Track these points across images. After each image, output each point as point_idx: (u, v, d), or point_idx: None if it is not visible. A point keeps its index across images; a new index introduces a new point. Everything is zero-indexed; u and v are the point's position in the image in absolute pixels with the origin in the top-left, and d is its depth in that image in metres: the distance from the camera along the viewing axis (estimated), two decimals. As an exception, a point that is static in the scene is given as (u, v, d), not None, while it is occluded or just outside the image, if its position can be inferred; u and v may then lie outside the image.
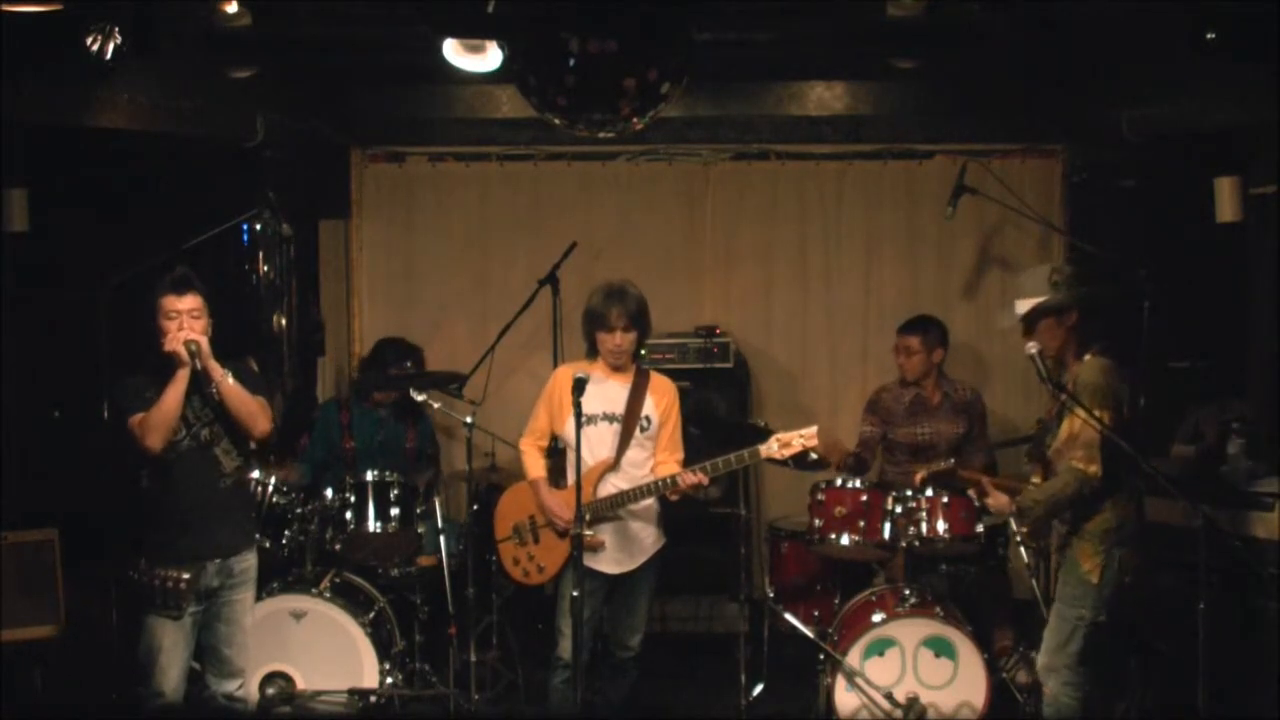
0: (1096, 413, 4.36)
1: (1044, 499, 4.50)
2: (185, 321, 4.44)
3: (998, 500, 4.63)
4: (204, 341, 4.44)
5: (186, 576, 4.43)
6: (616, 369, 4.94)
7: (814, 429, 4.75)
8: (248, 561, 4.69)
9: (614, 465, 4.87)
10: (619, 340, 4.85)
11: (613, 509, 4.86)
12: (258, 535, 5.27)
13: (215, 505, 4.56)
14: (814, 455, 5.19)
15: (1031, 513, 4.54)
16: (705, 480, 4.74)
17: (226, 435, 4.60)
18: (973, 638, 5.10)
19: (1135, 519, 4.56)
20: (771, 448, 4.72)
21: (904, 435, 5.94)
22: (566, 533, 4.85)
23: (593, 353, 4.97)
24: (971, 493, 5.05)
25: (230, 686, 4.69)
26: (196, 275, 4.56)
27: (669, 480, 4.78)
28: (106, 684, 5.16)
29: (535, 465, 5.04)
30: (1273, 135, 5.51)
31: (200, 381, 4.49)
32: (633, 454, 4.90)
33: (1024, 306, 4.64)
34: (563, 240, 5.95)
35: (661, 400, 4.96)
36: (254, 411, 4.58)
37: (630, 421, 4.89)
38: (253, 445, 4.81)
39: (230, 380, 4.51)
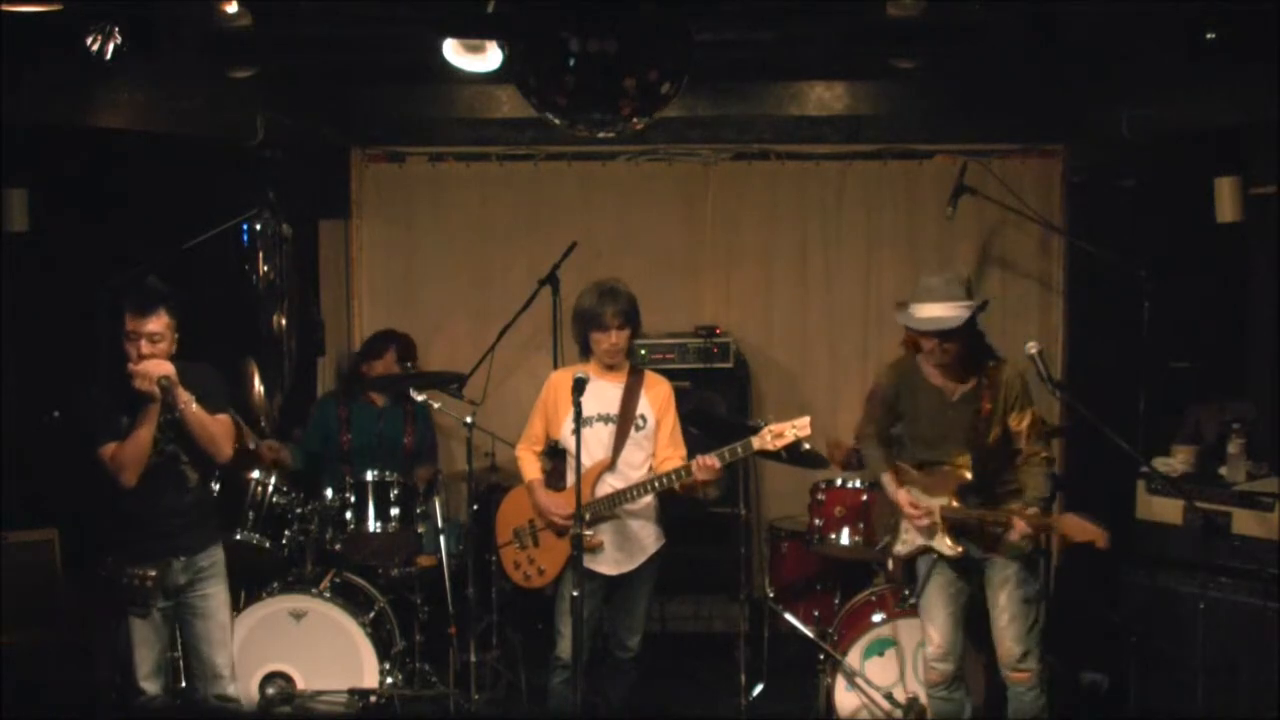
0: (1032, 409, 4.60)
1: (1036, 500, 4.58)
2: (144, 346, 4.35)
3: (1021, 531, 4.59)
4: (173, 373, 4.35)
5: (153, 573, 4.40)
6: (610, 368, 4.94)
7: (806, 419, 4.74)
8: (214, 556, 4.66)
9: (610, 466, 4.87)
10: (615, 339, 4.85)
11: (611, 508, 4.86)
12: (258, 535, 5.30)
13: (180, 513, 4.54)
14: (807, 446, 5.19)
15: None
16: (719, 465, 4.72)
17: (189, 454, 4.56)
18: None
19: None
20: (765, 439, 4.72)
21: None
22: (564, 532, 4.85)
23: (585, 354, 4.97)
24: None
25: (217, 688, 4.65)
26: (167, 287, 4.45)
27: (679, 472, 4.77)
28: (106, 684, 5.16)
29: (531, 468, 5.04)
30: (1273, 135, 5.51)
31: (166, 406, 4.41)
32: (629, 454, 4.90)
33: (956, 310, 4.53)
34: (563, 240, 5.95)
35: (656, 399, 4.96)
36: (215, 438, 4.51)
37: (626, 421, 4.89)
38: (252, 445, 4.80)
39: (194, 406, 4.42)
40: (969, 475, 4.63)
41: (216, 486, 5.18)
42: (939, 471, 4.71)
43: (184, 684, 4.98)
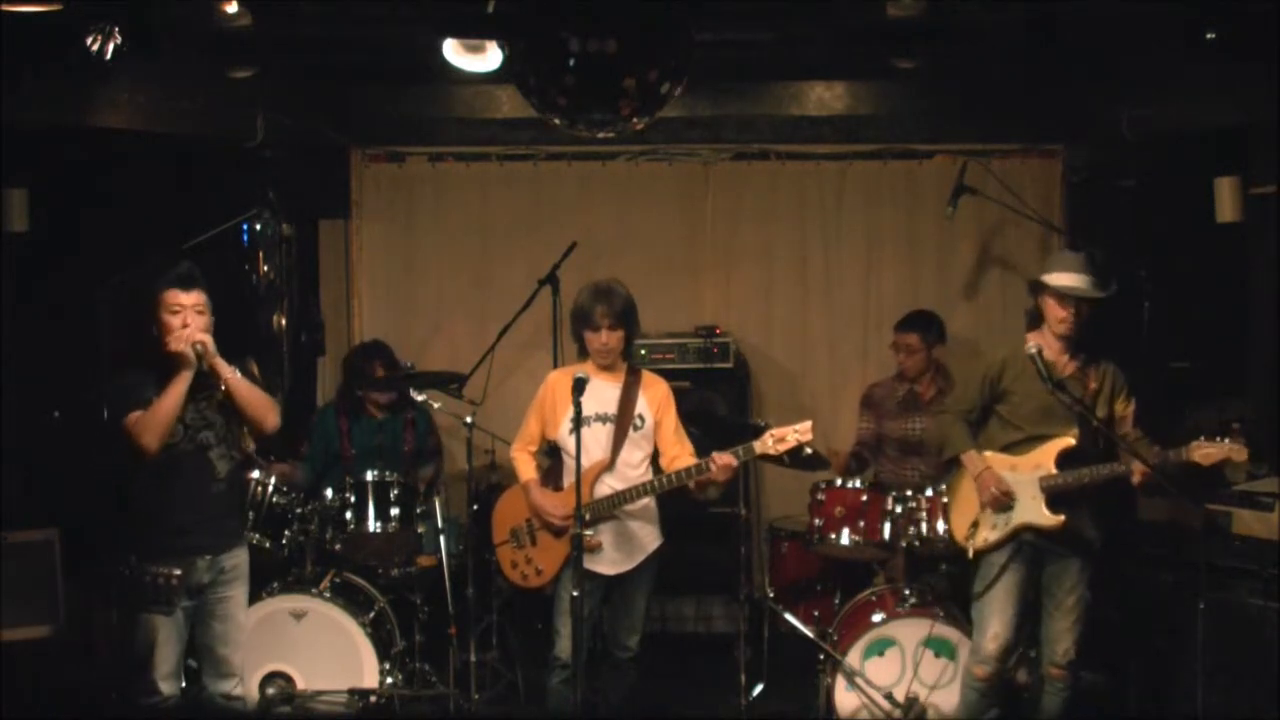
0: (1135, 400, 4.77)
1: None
2: (190, 317, 4.40)
3: (1143, 471, 4.65)
4: (209, 341, 4.40)
5: (178, 572, 4.40)
6: (606, 369, 4.94)
7: (808, 424, 4.75)
8: (238, 558, 4.65)
9: (609, 466, 4.87)
10: (605, 339, 4.85)
11: (610, 509, 4.86)
12: (258, 535, 5.29)
13: (206, 507, 4.53)
14: (809, 450, 5.19)
15: None
16: (736, 463, 4.72)
17: (224, 440, 4.56)
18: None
19: None
20: (766, 443, 4.71)
21: (896, 430, 5.96)
22: (562, 532, 4.85)
23: (584, 354, 4.97)
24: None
25: (227, 686, 4.65)
26: (200, 271, 4.52)
27: (696, 468, 4.76)
28: (106, 684, 5.17)
29: (527, 468, 5.03)
30: (1273, 135, 5.51)
31: (205, 382, 4.45)
32: (627, 454, 4.89)
33: (1093, 284, 4.70)
34: (563, 240, 5.95)
35: (654, 398, 4.96)
36: (264, 405, 4.57)
37: (624, 421, 4.88)
38: (252, 447, 4.79)
39: (238, 376, 4.48)
40: (1073, 440, 4.69)
41: (268, 489, 5.28)
42: (1034, 449, 4.75)
43: (184, 683, 4.98)
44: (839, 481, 5.51)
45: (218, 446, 4.55)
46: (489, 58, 5.25)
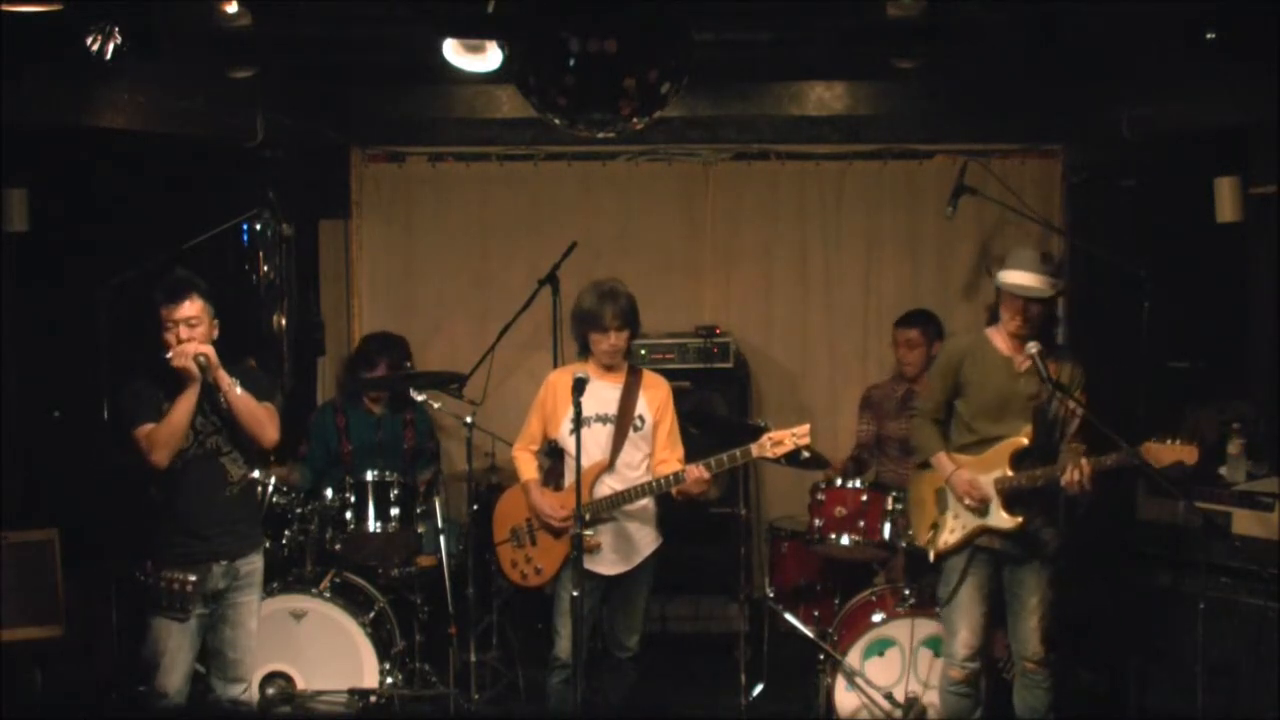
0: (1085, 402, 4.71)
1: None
2: (182, 332, 4.37)
3: (1087, 473, 4.60)
4: (211, 353, 4.37)
5: (193, 579, 4.39)
6: (609, 369, 4.94)
7: (806, 427, 4.75)
8: (254, 564, 4.65)
9: (609, 466, 4.87)
10: (614, 340, 4.85)
11: (610, 509, 4.86)
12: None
13: (221, 512, 4.52)
14: (806, 454, 5.19)
15: None
16: (708, 475, 4.74)
17: (233, 444, 4.56)
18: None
19: None
20: (764, 446, 4.72)
21: (896, 430, 5.95)
22: (561, 532, 4.85)
23: (584, 353, 4.97)
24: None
25: (234, 691, 4.65)
26: (195, 275, 4.49)
27: (673, 477, 4.77)
28: (106, 684, 5.17)
29: (527, 468, 5.04)
30: (1273, 135, 5.51)
31: (209, 391, 4.44)
32: (627, 454, 4.90)
33: (1043, 282, 4.67)
34: (563, 240, 5.95)
35: (655, 399, 4.96)
36: (262, 420, 4.53)
37: (624, 422, 4.89)
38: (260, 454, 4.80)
39: (238, 390, 4.45)
40: (1026, 440, 4.67)
41: (268, 489, 5.29)
42: (991, 450, 4.73)
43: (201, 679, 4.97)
44: (839, 482, 5.52)
45: (229, 451, 4.55)
46: (489, 58, 5.25)
